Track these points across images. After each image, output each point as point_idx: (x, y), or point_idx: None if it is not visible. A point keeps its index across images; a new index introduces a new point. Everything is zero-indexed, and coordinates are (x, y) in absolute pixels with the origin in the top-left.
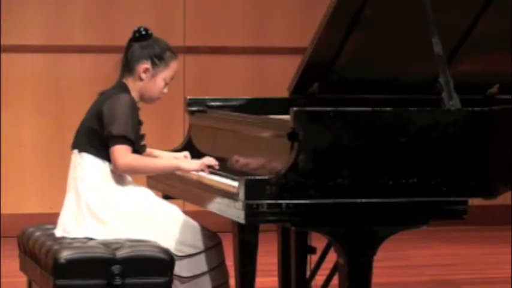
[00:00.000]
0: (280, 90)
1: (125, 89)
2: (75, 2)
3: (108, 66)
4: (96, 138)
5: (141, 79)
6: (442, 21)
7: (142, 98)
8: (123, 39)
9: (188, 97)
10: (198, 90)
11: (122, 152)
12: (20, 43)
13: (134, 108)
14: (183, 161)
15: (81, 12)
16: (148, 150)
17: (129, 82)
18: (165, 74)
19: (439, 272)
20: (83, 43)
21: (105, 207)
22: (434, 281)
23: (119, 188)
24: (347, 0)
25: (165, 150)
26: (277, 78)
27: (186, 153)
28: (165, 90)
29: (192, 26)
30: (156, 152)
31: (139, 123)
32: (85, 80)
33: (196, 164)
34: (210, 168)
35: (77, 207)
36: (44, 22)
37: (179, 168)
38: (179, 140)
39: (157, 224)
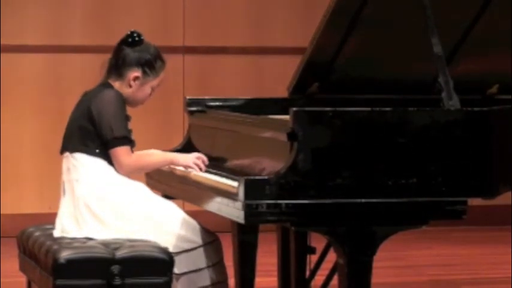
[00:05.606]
0: (280, 90)
1: (109, 87)
2: (75, 2)
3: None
4: (88, 136)
5: (130, 86)
6: (441, 21)
7: (127, 101)
8: None
9: (188, 97)
10: (197, 90)
11: (125, 154)
12: (20, 43)
13: (122, 103)
14: (177, 155)
15: (80, 12)
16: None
17: (116, 85)
18: (153, 83)
19: (439, 272)
20: (82, 43)
21: (104, 206)
22: (434, 281)
23: (115, 185)
24: (347, 0)
25: (165, 150)
26: (277, 78)
27: (201, 155)
28: (150, 96)
29: (191, 26)
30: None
31: (128, 118)
32: (85, 80)
33: (188, 159)
34: (199, 166)
35: (75, 208)
36: (44, 22)
37: (172, 162)
38: (179, 140)
39: (157, 220)
